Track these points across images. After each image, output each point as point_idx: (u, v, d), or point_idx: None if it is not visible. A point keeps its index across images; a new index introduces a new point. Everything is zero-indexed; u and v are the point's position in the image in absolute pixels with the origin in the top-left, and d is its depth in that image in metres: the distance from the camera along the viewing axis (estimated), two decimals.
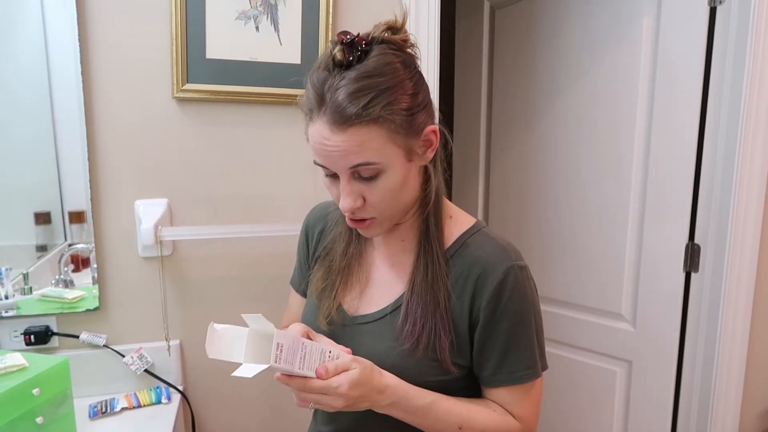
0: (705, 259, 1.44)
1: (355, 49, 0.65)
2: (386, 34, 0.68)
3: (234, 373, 0.62)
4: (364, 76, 0.64)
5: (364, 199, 0.70)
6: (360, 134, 0.64)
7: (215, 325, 0.66)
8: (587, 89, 1.61)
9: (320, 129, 0.65)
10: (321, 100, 0.65)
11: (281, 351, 0.63)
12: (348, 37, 0.65)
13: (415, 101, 0.67)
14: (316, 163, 0.70)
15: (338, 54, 0.65)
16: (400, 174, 0.69)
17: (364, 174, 0.67)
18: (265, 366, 0.62)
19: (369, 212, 0.72)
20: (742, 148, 1.34)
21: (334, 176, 0.70)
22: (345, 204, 0.70)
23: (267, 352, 0.63)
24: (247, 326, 0.66)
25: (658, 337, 1.53)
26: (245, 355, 0.64)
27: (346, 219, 0.74)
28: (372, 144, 0.65)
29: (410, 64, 0.69)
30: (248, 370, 0.63)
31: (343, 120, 0.63)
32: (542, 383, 0.79)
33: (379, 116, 0.64)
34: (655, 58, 1.45)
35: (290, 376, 0.65)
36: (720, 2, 1.34)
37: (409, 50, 0.70)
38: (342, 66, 0.65)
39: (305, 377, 0.66)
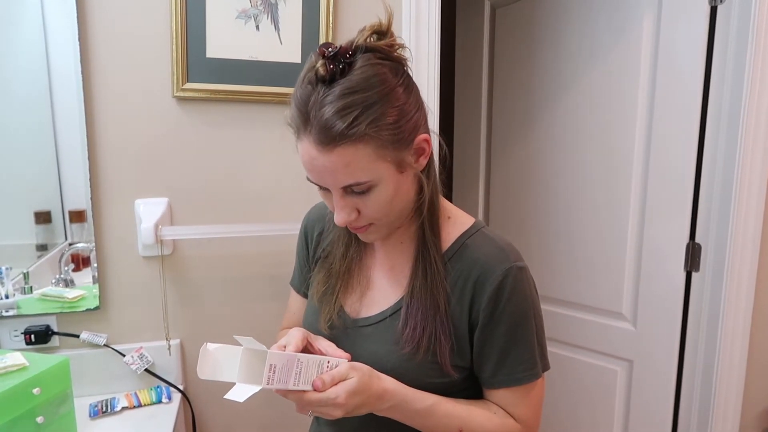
0: (706, 259, 1.44)
1: (338, 62, 0.62)
2: (371, 40, 0.65)
3: (226, 396, 0.62)
4: (348, 92, 0.61)
5: (359, 211, 0.70)
6: (347, 154, 0.62)
7: (208, 345, 0.65)
8: (588, 88, 1.61)
9: (307, 148, 0.64)
10: (306, 118, 0.63)
11: (274, 372, 0.62)
12: (330, 50, 0.63)
13: (403, 111, 0.65)
14: (308, 179, 0.69)
15: (321, 69, 0.62)
16: (392, 186, 0.68)
17: (356, 189, 0.67)
18: (258, 388, 0.62)
19: (365, 221, 0.72)
20: (743, 147, 1.34)
21: (327, 189, 0.69)
22: (339, 218, 0.69)
23: (261, 372, 0.62)
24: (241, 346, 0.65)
25: (659, 336, 1.53)
26: (239, 375, 0.63)
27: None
28: (360, 163, 0.63)
29: (398, 71, 0.66)
30: (240, 393, 0.62)
31: (328, 140, 0.62)
32: (544, 384, 0.78)
33: (365, 134, 0.62)
34: (655, 57, 1.45)
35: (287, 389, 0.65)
36: (720, 1, 1.34)
37: (397, 53, 0.67)
38: (325, 81, 0.62)
39: (303, 391, 0.65)
